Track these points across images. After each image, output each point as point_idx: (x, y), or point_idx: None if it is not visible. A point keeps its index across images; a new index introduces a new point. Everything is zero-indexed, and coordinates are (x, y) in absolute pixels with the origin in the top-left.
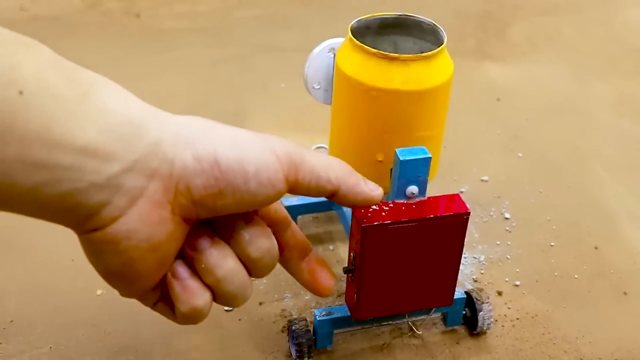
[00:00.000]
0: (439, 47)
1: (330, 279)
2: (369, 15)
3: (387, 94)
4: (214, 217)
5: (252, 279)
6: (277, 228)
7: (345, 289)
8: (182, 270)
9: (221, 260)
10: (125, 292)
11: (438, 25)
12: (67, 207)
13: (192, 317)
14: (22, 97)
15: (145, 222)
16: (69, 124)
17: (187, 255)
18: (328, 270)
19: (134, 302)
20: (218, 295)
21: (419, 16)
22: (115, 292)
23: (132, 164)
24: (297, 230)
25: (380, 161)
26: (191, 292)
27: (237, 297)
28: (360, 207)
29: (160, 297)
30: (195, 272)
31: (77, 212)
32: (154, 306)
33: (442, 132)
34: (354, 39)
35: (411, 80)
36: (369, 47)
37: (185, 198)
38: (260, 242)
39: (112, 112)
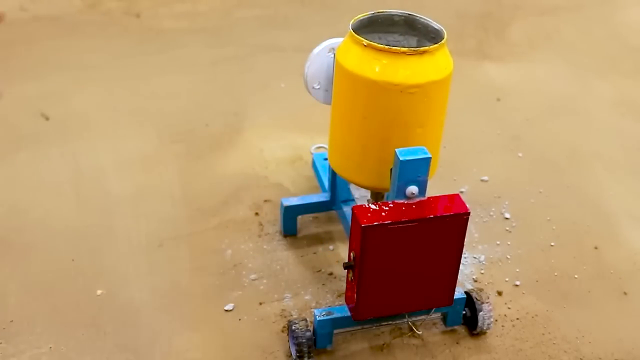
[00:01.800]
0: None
1: None
2: (370, 13)
3: (385, 87)
4: None
5: (252, 278)
6: None
7: (345, 289)
8: None
9: None
10: None
11: (437, 24)
12: None
13: None
14: None
15: None
16: None
17: None
18: None
19: (133, 302)
20: None
21: (419, 15)
22: (115, 292)
23: None
24: None
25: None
26: None
27: None
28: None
29: None
30: None
31: None
32: None
33: (441, 129)
34: (355, 34)
35: (412, 74)
36: (369, 41)
37: None
38: None
39: None
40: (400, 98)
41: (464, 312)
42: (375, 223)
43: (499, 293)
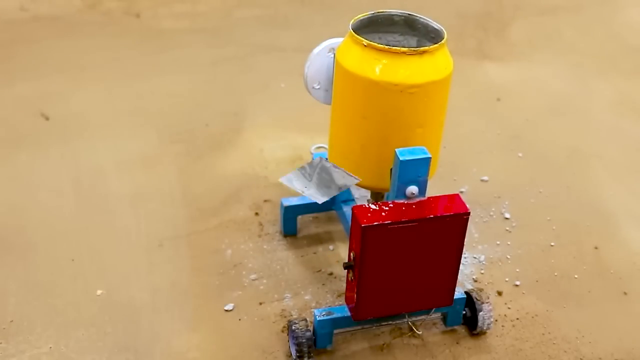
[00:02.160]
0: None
1: None
2: (370, 13)
3: (385, 87)
4: None
5: (252, 278)
6: None
7: (345, 289)
8: None
9: None
10: None
11: (437, 24)
12: None
13: None
14: None
15: None
16: None
17: None
18: None
19: (134, 302)
20: None
21: (419, 15)
22: (115, 293)
23: None
24: None
25: None
26: None
27: None
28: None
29: None
30: None
31: None
32: None
33: (441, 129)
34: (355, 34)
35: (412, 74)
36: (369, 41)
37: None
38: None
39: None
40: (400, 98)
41: (464, 312)
42: (375, 223)
43: (499, 293)
